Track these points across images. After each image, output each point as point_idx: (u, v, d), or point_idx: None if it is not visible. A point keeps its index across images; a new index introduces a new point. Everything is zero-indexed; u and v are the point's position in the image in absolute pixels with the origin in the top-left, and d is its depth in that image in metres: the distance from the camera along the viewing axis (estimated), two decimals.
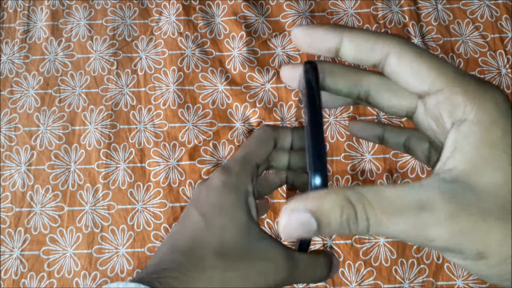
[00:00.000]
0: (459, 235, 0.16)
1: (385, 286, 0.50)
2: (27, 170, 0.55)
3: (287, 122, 0.57)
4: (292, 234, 0.17)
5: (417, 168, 0.54)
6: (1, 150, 0.56)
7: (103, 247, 0.52)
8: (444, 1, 0.62)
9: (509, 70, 0.58)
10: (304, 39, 0.19)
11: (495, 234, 0.16)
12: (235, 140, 0.56)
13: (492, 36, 0.60)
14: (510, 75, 0.57)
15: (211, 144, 0.56)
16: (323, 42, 0.19)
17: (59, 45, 0.61)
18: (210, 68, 0.59)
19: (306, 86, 0.19)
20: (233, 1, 0.62)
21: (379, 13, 0.61)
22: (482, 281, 0.49)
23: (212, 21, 0.62)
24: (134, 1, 0.63)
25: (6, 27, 0.62)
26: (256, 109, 0.57)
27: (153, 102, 0.58)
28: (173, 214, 0.53)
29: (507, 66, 0.58)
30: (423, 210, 0.16)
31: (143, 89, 0.59)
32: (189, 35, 0.61)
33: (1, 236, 0.53)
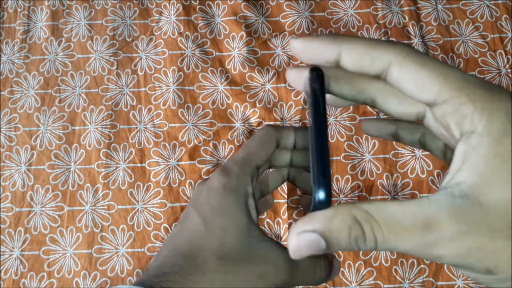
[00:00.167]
0: (467, 254, 0.16)
1: (385, 286, 0.50)
2: (27, 170, 0.55)
3: (287, 122, 0.57)
4: (302, 254, 0.18)
5: (417, 168, 0.54)
6: (1, 150, 0.56)
7: (103, 247, 0.52)
8: (444, 1, 0.62)
9: (509, 70, 0.58)
10: (303, 51, 0.19)
11: (504, 253, 0.16)
12: (235, 140, 0.56)
13: (492, 36, 0.59)
14: (510, 75, 0.57)
15: (211, 144, 0.56)
16: (321, 54, 0.19)
17: (59, 45, 0.61)
18: (210, 68, 0.59)
19: (311, 96, 0.19)
20: (233, 1, 0.62)
21: (379, 13, 0.61)
22: None
23: (212, 21, 0.62)
24: (134, 1, 0.63)
25: (6, 27, 0.62)
26: (256, 109, 0.57)
27: (153, 102, 0.58)
28: (173, 214, 0.53)
29: (507, 66, 0.58)
30: (429, 230, 0.16)
31: (143, 89, 0.59)
32: (189, 35, 0.61)
33: (1, 236, 0.53)
